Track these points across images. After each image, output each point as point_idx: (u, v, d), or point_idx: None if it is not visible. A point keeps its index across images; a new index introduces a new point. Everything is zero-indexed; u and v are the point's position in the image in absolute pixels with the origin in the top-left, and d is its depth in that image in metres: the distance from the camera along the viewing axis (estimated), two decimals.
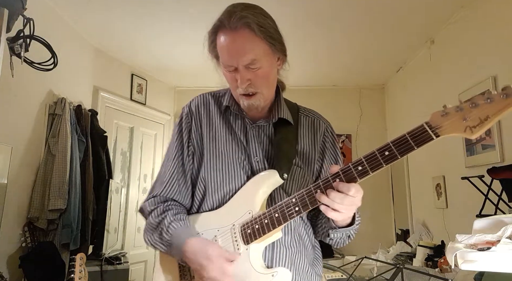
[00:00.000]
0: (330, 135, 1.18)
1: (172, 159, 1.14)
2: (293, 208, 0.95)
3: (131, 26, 3.13)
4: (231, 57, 1.01)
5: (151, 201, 1.13)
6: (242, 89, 1.03)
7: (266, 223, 0.97)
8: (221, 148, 1.10)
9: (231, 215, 1.03)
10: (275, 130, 1.12)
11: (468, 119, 0.74)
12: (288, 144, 1.10)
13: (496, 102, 0.71)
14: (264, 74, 1.04)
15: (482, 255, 1.17)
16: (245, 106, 1.07)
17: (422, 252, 2.96)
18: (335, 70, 4.22)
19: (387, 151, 0.83)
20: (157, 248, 1.07)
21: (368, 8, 2.85)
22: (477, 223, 1.37)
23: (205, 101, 1.18)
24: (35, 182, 2.58)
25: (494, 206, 2.14)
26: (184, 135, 1.15)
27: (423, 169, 3.49)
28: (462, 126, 0.75)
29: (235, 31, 0.99)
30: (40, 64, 2.44)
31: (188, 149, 1.14)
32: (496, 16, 2.41)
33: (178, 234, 1.03)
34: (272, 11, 1.09)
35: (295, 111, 1.19)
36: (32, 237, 2.46)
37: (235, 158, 1.08)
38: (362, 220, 1.16)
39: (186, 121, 1.16)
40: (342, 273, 2.42)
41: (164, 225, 1.05)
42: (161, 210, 1.10)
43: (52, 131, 2.69)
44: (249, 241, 0.99)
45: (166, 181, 1.13)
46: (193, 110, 1.16)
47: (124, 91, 3.94)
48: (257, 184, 1.03)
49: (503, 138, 2.32)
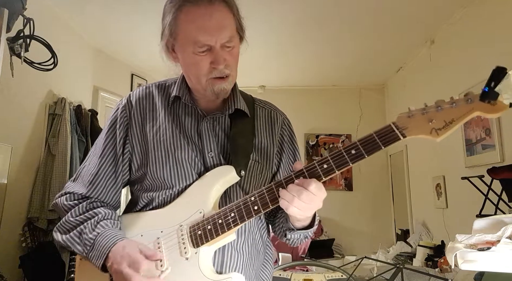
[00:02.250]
0: (288, 128, 1.09)
1: (100, 156, 0.99)
2: (251, 206, 0.85)
3: (131, 26, 3.14)
4: (209, 33, 0.88)
5: (71, 196, 0.99)
6: (219, 70, 0.91)
7: (220, 223, 0.86)
8: (167, 144, 0.97)
9: (178, 215, 0.91)
10: (231, 122, 1.01)
11: (433, 121, 0.75)
12: (245, 138, 1.00)
13: (460, 106, 0.73)
14: (236, 54, 0.95)
15: (482, 255, 1.17)
16: (215, 92, 0.94)
17: (422, 252, 2.96)
18: (335, 70, 4.22)
19: (354, 149, 0.80)
20: (72, 247, 0.95)
21: (368, 8, 2.85)
22: (477, 223, 1.37)
23: (148, 93, 1.04)
24: (35, 182, 2.58)
25: (494, 206, 2.14)
26: (119, 131, 1.00)
27: (423, 169, 3.49)
28: (428, 128, 0.75)
29: (212, 4, 0.89)
30: (40, 64, 2.44)
31: (124, 147, 0.99)
32: (496, 16, 2.41)
33: (105, 234, 0.90)
34: (273, 11, 1.09)
35: (251, 102, 1.08)
36: (32, 237, 2.46)
37: (183, 155, 0.96)
38: (362, 220, 1.15)
39: (123, 116, 1.00)
40: (342, 273, 2.41)
41: (89, 225, 0.93)
42: (85, 208, 0.97)
43: (52, 131, 2.69)
44: (199, 244, 0.87)
45: (90, 180, 0.99)
46: (133, 104, 1.02)
47: (124, 91, 3.93)
48: (210, 181, 0.92)
49: (503, 138, 2.32)
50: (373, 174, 4.44)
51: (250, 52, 1.04)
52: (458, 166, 2.75)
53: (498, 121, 2.36)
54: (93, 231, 0.92)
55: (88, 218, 0.94)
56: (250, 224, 0.99)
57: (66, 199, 0.99)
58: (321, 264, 2.68)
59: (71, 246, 0.94)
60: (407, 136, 0.77)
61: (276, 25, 3.13)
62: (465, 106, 0.73)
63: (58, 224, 0.98)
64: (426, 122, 0.75)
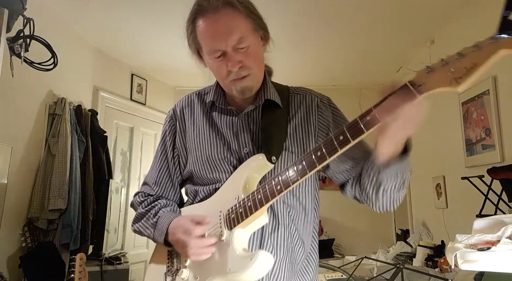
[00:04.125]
0: (327, 108, 1.07)
1: (156, 162, 1.17)
2: (274, 186, 0.88)
3: (131, 26, 3.13)
4: (217, 39, 0.94)
5: (141, 195, 1.17)
6: (234, 73, 0.97)
7: (249, 206, 0.91)
8: (203, 146, 1.07)
9: (220, 204, 1.00)
10: (263, 114, 1.05)
11: (453, 71, 0.66)
12: (277, 127, 1.02)
13: (485, 48, 0.65)
14: (254, 52, 0.98)
15: (482, 255, 1.17)
16: (239, 91, 1.00)
17: (422, 252, 2.96)
18: (335, 70, 4.22)
19: (369, 117, 0.76)
20: (143, 233, 1.09)
21: (368, 8, 2.85)
22: (477, 223, 1.37)
23: (190, 101, 1.16)
24: (35, 182, 2.58)
25: (494, 206, 2.14)
26: (169, 138, 1.15)
27: (423, 169, 3.49)
28: (447, 79, 0.67)
29: (217, 11, 0.94)
30: (40, 64, 2.44)
31: (174, 152, 1.14)
32: (496, 16, 2.41)
33: (164, 216, 1.05)
34: (272, 11, 1.09)
35: (286, 92, 1.11)
36: (32, 237, 2.46)
37: (218, 154, 1.04)
38: (362, 220, 1.13)
39: (171, 124, 1.16)
40: (342, 273, 2.42)
41: (153, 211, 1.09)
42: (150, 201, 1.14)
43: (52, 131, 2.69)
44: (232, 226, 0.94)
45: (153, 182, 1.16)
46: (178, 112, 1.15)
47: (124, 91, 3.94)
48: (242, 170, 1.00)
49: (503, 138, 2.32)
50: None
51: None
52: (458, 166, 2.75)
53: (498, 121, 2.36)
54: (155, 217, 1.07)
55: (153, 207, 1.11)
56: (290, 218, 1.01)
57: (138, 197, 1.17)
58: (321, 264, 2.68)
59: (143, 231, 1.09)
60: (424, 92, 0.70)
61: (276, 25, 3.13)
62: (489, 46, 0.65)
63: (134, 217, 1.14)
64: (445, 74, 0.67)
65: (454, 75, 0.66)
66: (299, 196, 1.04)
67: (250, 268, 0.87)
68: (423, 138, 3.53)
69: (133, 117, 4.05)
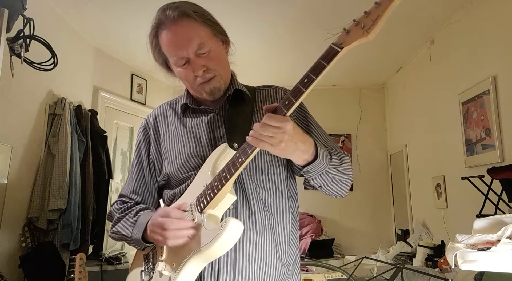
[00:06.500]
0: None
1: (133, 172, 1.21)
2: (236, 160, 0.92)
3: (131, 26, 3.13)
4: (179, 48, 1.02)
5: (119, 202, 1.19)
6: (201, 76, 1.04)
7: (216, 185, 0.95)
8: (179, 149, 1.11)
9: (192, 196, 1.04)
10: (231, 106, 1.12)
11: (364, 26, 0.83)
12: (242, 117, 1.09)
13: (382, 3, 0.82)
14: (216, 56, 1.05)
15: (482, 255, 1.17)
16: (208, 92, 1.07)
17: (422, 252, 2.96)
18: (335, 70, 4.18)
19: (306, 78, 0.88)
20: (121, 232, 1.09)
21: (368, 8, 2.84)
22: (477, 223, 1.37)
23: (162, 110, 1.23)
24: (35, 182, 2.58)
25: (494, 206, 2.14)
26: (143, 147, 1.21)
27: (423, 169, 3.49)
28: (360, 33, 0.83)
29: (175, 22, 1.01)
30: (40, 64, 2.44)
31: (149, 159, 1.19)
32: (496, 16, 2.41)
33: (145, 214, 1.07)
34: (271, 11, 1.11)
35: (252, 89, 1.19)
36: (32, 237, 2.46)
37: (191, 154, 1.08)
38: (362, 220, 1.14)
39: (144, 134, 1.21)
40: (342, 273, 2.42)
41: (133, 212, 1.10)
42: (130, 205, 1.16)
43: (52, 131, 2.69)
44: (202, 208, 0.97)
45: (131, 191, 1.19)
46: (151, 121, 1.21)
47: (124, 91, 3.94)
48: (209, 159, 1.04)
49: (503, 138, 2.32)
50: (373, 174, 4.43)
51: (249, 52, 1.08)
52: (458, 166, 2.75)
53: (498, 121, 2.36)
54: (135, 216, 1.09)
55: (133, 210, 1.12)
56: (262, 203, 1.05)
57: (116, 205, 1.19)
58: (321, 264, 2.69)
59: (121, 231, 1.09)
60: (344, 46, 0.84)
61: (276, 25, 3.13)
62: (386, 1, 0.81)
63: (112, 223, 1.16)
64: (358, 30, 0.83)
65: (364, 29, 0.83)
66: (271, 177, 1.09)
67: (221, 237, 0.89)
68: (423, 138, 3.53)
69: (133, 117, 4.05)
